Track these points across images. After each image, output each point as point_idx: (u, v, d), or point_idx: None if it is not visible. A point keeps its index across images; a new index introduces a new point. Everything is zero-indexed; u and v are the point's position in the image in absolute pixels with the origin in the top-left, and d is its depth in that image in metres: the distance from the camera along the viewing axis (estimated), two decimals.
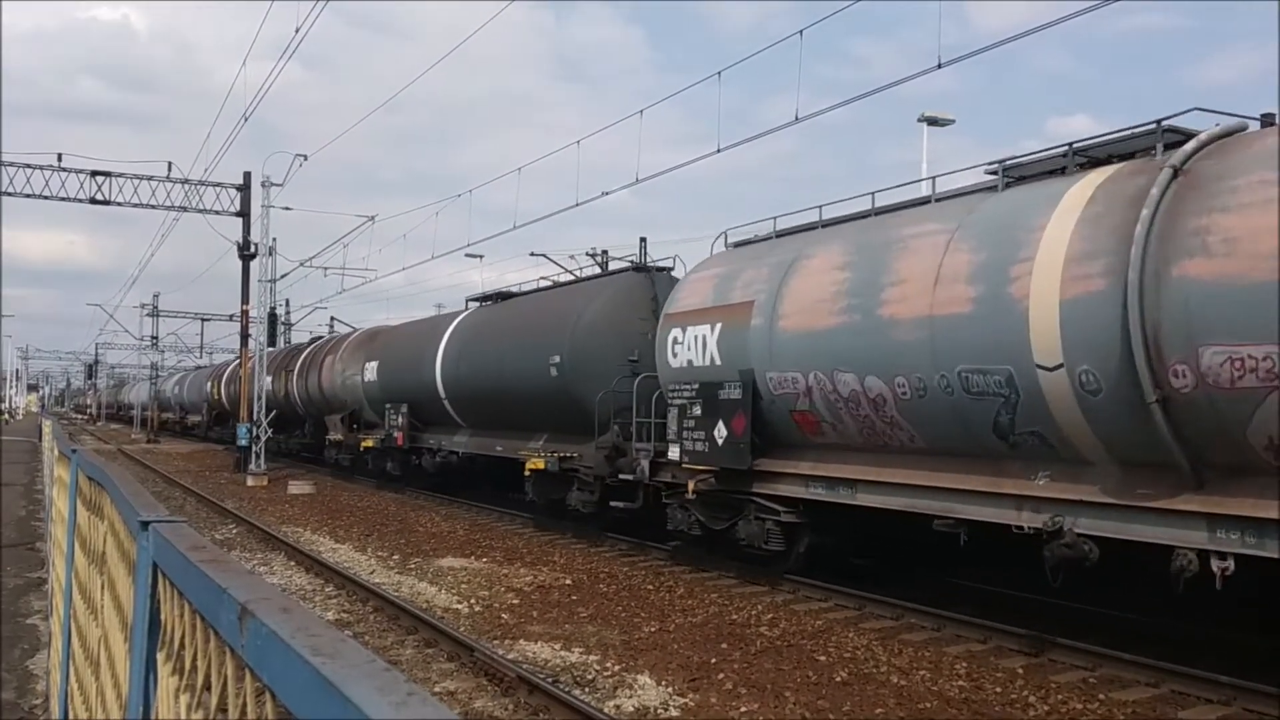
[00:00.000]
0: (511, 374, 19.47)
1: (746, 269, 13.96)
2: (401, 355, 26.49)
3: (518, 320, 20.64)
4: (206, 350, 73.74)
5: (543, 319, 19.38)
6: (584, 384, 17.17)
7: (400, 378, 26.11)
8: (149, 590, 2.47)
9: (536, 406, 18.92)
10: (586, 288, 19.37)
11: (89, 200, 31.65)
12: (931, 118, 26.85)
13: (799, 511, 12.86)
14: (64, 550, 5.76)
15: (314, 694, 1.12)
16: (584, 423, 17.24)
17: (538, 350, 18.46)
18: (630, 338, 17.40)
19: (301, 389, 34.70)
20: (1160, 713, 8.03)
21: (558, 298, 20.14)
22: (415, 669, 9.36)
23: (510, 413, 20.26)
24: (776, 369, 12.65)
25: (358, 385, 29.46)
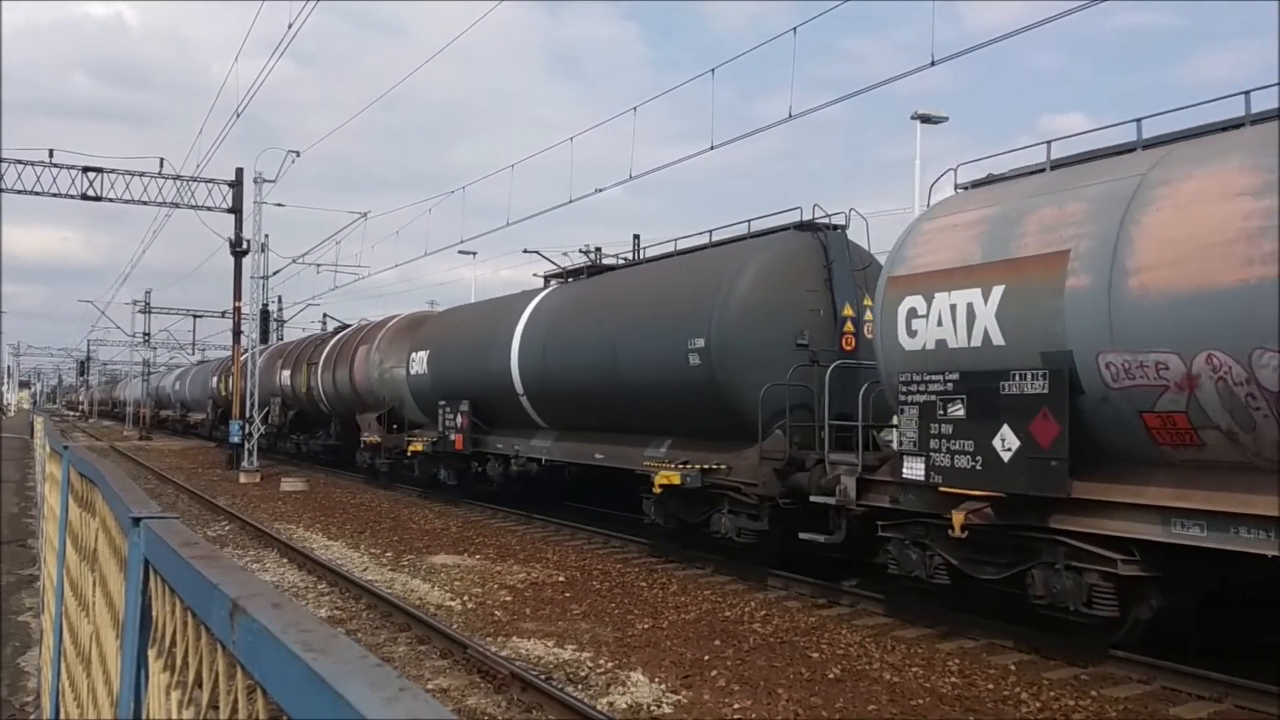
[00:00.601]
0: (628, 364, 15.66)
1: (1040, 206, 9.86)
2: (462, 344, 22.19)
3: (636, 297, 16.41)
4: (199, 347, 73.53)
5: (675, 295, 15.13)
6: (738, 375, 13.48)
7: (460, 370, 21.91)
8: (140, 586, 2.46)
9: (664, 404, 14.98)
10: (733, 254, 14.82)
11: (81, 196, 31.56)
12: (925, 115, 26.87)
13: (1143, 561, 8.83)
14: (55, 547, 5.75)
15: (305, 690, 1.12)
16: (732, 424, 13.69)
17: (670, 334, 14.54)
18: (797, 315, 13.75)
19: (328, 384, 30.95)
20: (1152, 709, 8.05)
21: (692, 268, 15.65)
22: (408, 666, 9.35)
23: (620, 412, 16.34)
24: (1124, 350, 8.62)
25: (399, 379, 26.23)
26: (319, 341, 34.18)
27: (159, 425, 69.23)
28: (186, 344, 73.26)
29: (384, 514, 21.48)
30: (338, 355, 30.54)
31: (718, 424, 14.01)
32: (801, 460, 12.63)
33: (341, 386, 29.91)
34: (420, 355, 24.29)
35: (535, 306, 19.57)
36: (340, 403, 30.48)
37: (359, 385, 28.35)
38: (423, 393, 24.29)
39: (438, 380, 23.21)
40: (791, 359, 13.26)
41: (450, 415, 21.94)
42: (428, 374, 23.76)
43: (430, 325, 25.67)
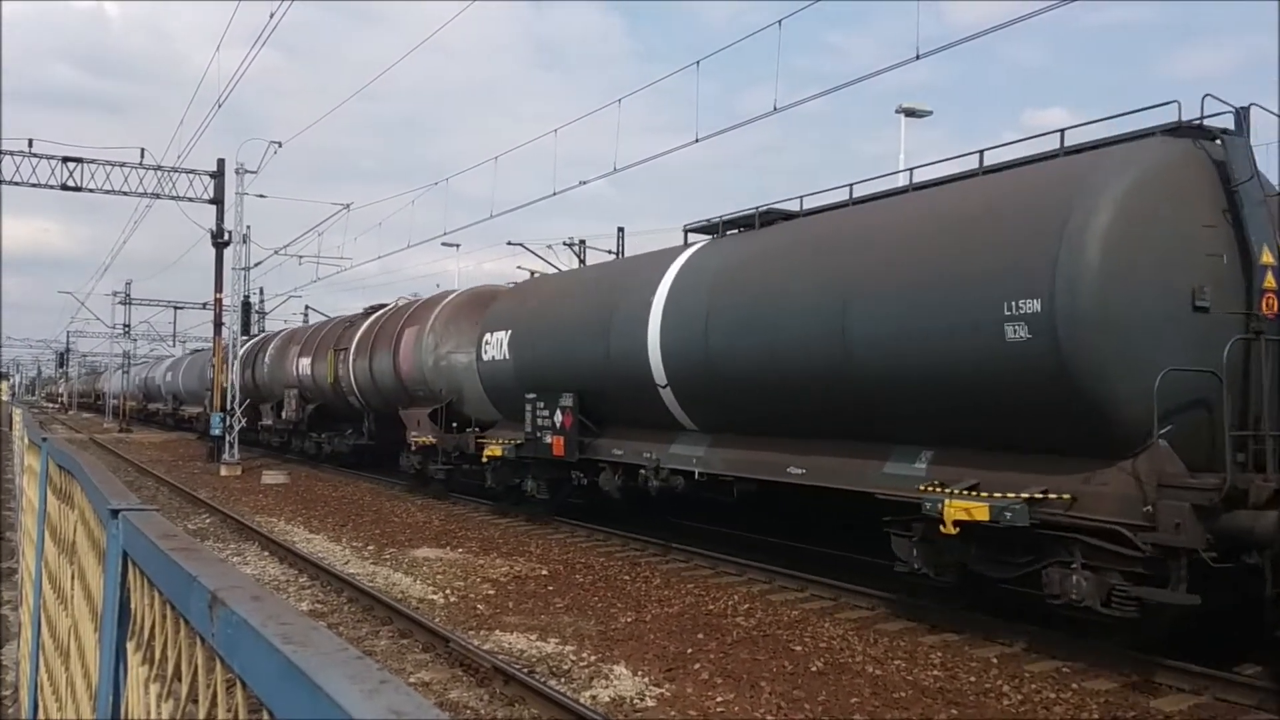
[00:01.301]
0: (870, 342, 10.79)
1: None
2: (562, 321, 17.44)
3: (886, 245, 11.08)
4: (180, 339, 73.09)
5: (975, 236, 10.07)
6: (1109, 354, 8.82)
7: (560, 354, 17.16)
8: (119, 579, 2.44)
9: (936, 398, 10.25)
10: (1078, 171, 9.65)
11: (61, 187, 31.32)
12: (909, 109, 26.93)
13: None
14: (34, 539, 5.70)
15: (285, 683, 1.10)
16: (1074, 429, 9.12)
17: (969, 295, 9.77)
18: (1191, 262, 9.06)
19: (362, 374, 26.49)
20: (1132, 701, 8.10)
21: (999, 195, 10.32)
22: (390, 660, 9.33)
23: (843, 411, 11.51)
24: None
25: (459, 367, 22.13)
26: (348, 324, 29.53)
27: (148, 419, 65.64)
28: (167, 336, 72.85)
29: (366, 507, 21.42)
30: (376, 339, 25.82)
31: (1040, 427, 9.39)
32: (1248, 488, 8.15)
33: (382, 376, 25.26)
34: (497, 337, 19.42)
35: (682, 269, 14.63)
36: (378, 396, 25.99)
37: (406, 375, 23.58)
38: (499, 383, 19.50)
39: (524, 367, 18.30)
40: (1185, 328, 8.87)
41: (544, 412, 17.36)
42: (508, 360, 18.81)
43: (510, 299, 20.65)
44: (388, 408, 25.47)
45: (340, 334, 29.25)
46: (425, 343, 22.73)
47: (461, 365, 22.02)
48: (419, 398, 23.18)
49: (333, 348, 29.10)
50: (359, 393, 27.31)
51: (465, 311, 22.82)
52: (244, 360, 37.71)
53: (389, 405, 25.33)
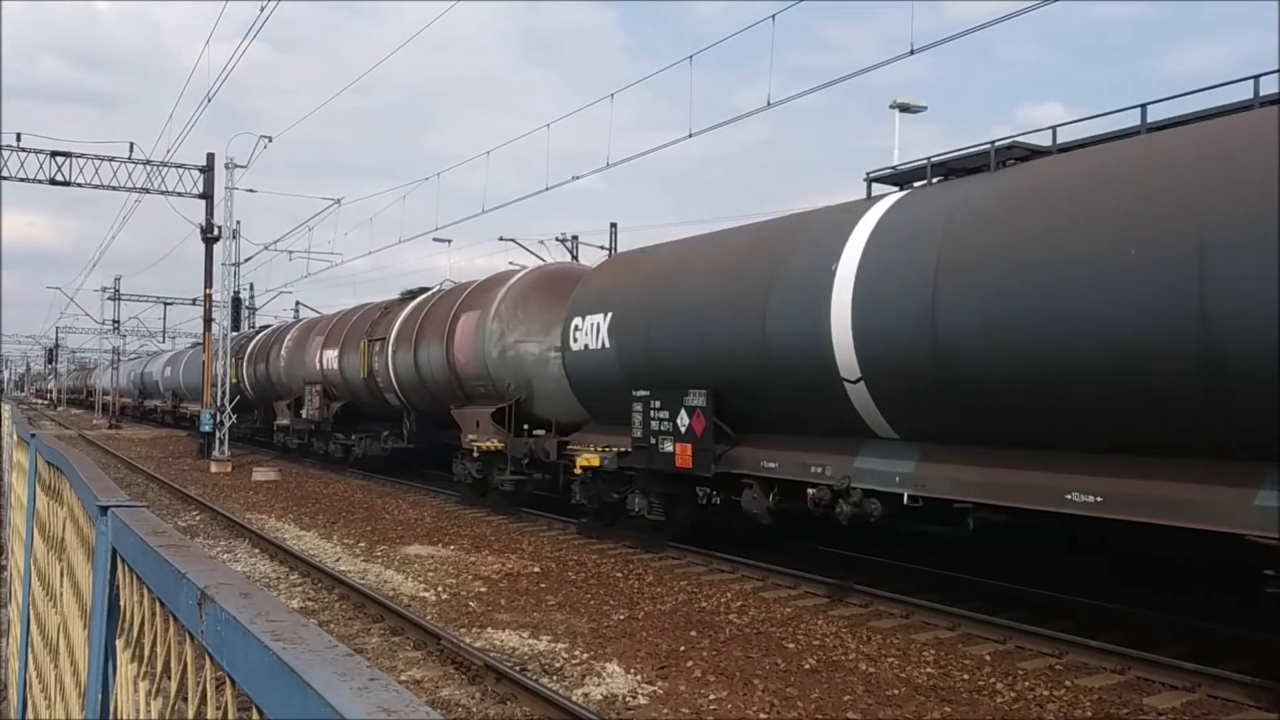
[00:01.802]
0: (1238, 311, 7.54)
1: None
2: (691, 301, 13.67)
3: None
4: (170, 335, 72.96)
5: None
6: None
7: (687, 343, 13.56)
8: (108, 576, 2.42)
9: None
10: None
11: (49, 181, 31.22)
12: (904, 104, 26.93)
13: None
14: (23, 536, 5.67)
15: (274, 680, 1.09)
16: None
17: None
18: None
19: (405, 367, 23.02)
20: (1125, 699, 8.11)
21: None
22: (381, 657, 9.30)
23: (1187, 413, 8.09)
24: None
25: (529, 359, 18.68)
26: (383, 311, 25.85)
27: (144, 417, 62.51)
28: (157, 331, 72.73)
29: (357, 504, 21.38)
30: (422, 328, 22.27)
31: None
32: None
33: (431, 371, 21.61)
34: (590, 322, 15.98)
35: (881, 224, 11.05)
36: (423, 393, 22.49)
37: (463, 368, 19.94)
38: (593, 378, 16.05)
39: (632, 358, 14.87)
40: None
41: (661, 413, 13.99)
42: (608, 349, 15.36)
43: (607, 276, 16.82)
44: (435, 407, 21.98)
45: (375, 322, 25.65)
46: (488, 330, 18.99)
47: (531, 357, 18.70)
48: (479, 395, 19.64)
49: (366, 338, 25.52)
50: (399, 389, 23.73)
51: (536, 293, 19.16)
52: (255, 353, 35.32)
53: (437, 404, 21.78)
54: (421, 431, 24.11)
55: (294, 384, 31.12)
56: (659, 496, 14.68)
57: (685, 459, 13.48)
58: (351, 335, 26.90)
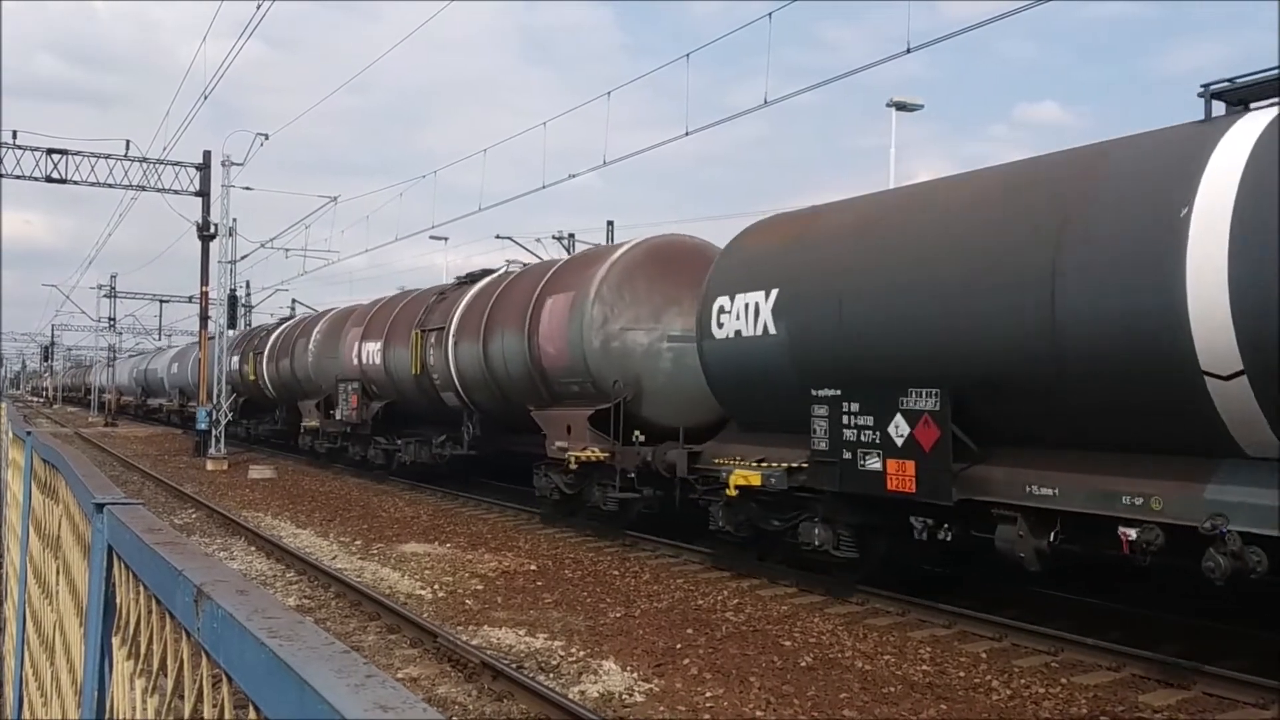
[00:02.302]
0: None
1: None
2: (913, 271, 10.50)
3: None
4: (165, 332, 72.88)
5: None
6: None
7: (909, 327, 10.45)
8: (104, 573, 2.42)
9: None
10: None
11: (45, 179, 31.19)
12: (900, 103, 26.97)
13: None
14: (19, 534, 5.67)
15: (271, 676, 1.09)
16: None
17: None
18: None
19: (470, 362, 19.60)
20: (1121, 696, 8.12)
21: None
22: (377, 655, 9.30)
23: None
24: None
25: (642, 352, 15.73)
26: (438, 296, 22.62)
27: (148, 417, 59.04)
28: (153, 329, 72.63)
29: (354, 502, 21.36)
30: (492, 315, 18.90)
31: None
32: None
33: (505, 365, 18.20)
34: (743, 302, 12.55)
35: (1262, 148, 7.83)
36: (493, 391, 19.08)
37: (550, 361, 16.75)
38: (745, 372, 12.68)
39: (810, 347, 11.63)
40: None
41: (861, 419, 10.76)
42: (776, 336, 12.03)
43: (766, 240, 13.31)
44: (506, 408, 18.93)
45: (429, 310, 22.26)
46: (588, 316, 15.79)
47: (640, 348, 15.77)
48: (570, 394, 16.46)
49: (418, 328, 22.02)
50: (462, 387, 20.28)
51: (645, 270, 16.13)
52: (277, 348, 32.17)
53: (509, 405, 18.65)
54: (486, 437, 20.84)
55: (324, 381, 27.83)
56: (849, 528, 11.26)
57: (904, 480, 10.23)
58: (398, 326, 23.47)
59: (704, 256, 15.58)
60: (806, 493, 11.66)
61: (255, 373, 34.19)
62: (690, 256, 16.09)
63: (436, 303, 22.17)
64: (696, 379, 14.16)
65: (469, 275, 22.34)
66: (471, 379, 19.79)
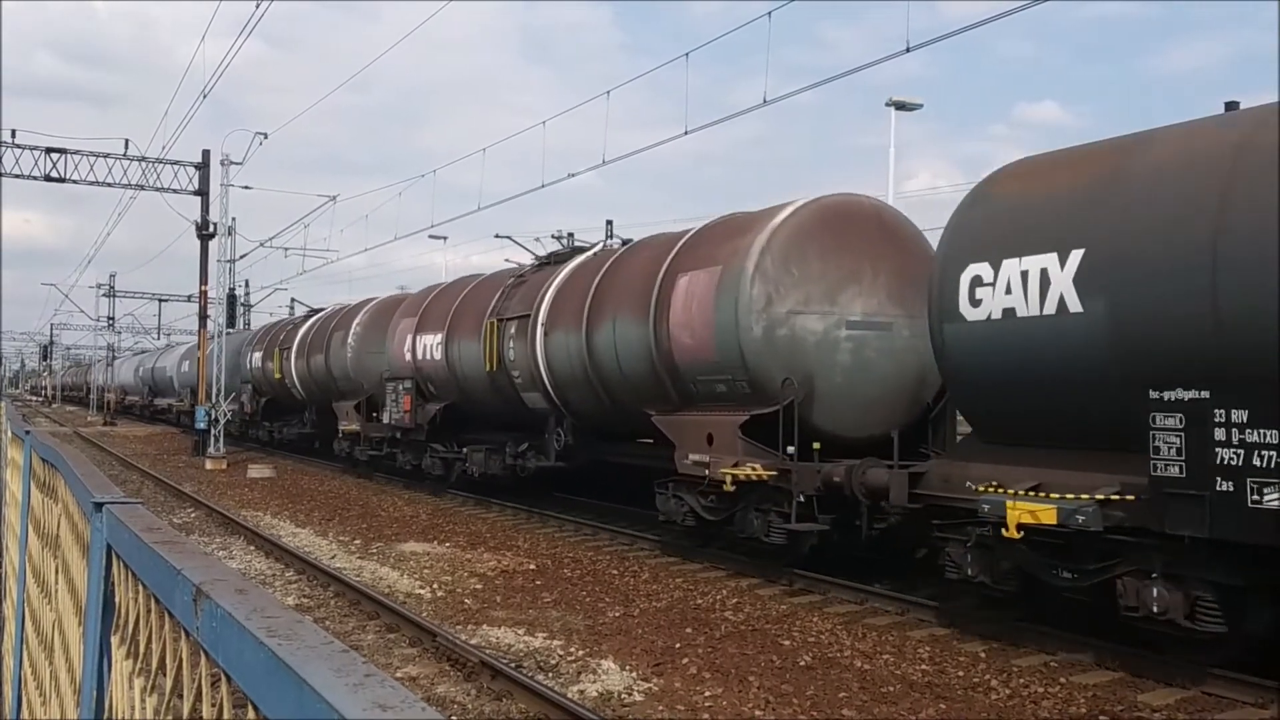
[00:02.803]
0: None
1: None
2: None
3: None
4: (165, 331, 72.87)
5: None
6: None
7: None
8: (103, 572, 2.42)
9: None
10: None
11: (44, 178, 31.18)
12: (899, 102, 26.98)
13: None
14: (17, 533, 5.66)
15: (270, 676, 1.09)
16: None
17: None
18: None
19: (566, 356, 16.37)
20: (1120, 695, 8.12)
21: None
22: (376, 654, 9.30)
23: None
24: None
25: (819, 340, 12.64)
26: (517, 280, 19.10)
27: (154, 417, 55.82)
28: (152, 329, 72.62)
29: (353, 501, 21.36)
30: (598, 299, 15.62)
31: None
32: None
33: (617, 359, 14.99)
34: (1017, 270, 9.38)
35: None
36: (594, 391, 15.92)
37: (688, 354, 13.46)
38: (1025, 362, 9.36)
39: (1147, 333, 8.44)
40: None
41: (1254, 433, 7.45)
42: (1087, 314, 8.82)
43: (1047, 186, 9.74)
44: (615, 410, 15.90)
45: (504, 295, 18.92)
46: (745, 296, 12.41)
47: (814, 336, 12.49)
48: (711, 395, 13.32)
49: (494, 317, 18.63)
50: (552, 386, 16.98)
51: (817, 239, 12.77)
52: (308, 342, 29.16)
53: (616, 408, 15.74)
54: (579, 445, 17.40)
55: (366, 380, 24.89)
56: (1215, 589, 8.04)
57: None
58: (464, 315, 20.18)
59: (886, 221, 13.33)
60: (1131, 536, 8.45)
61: (281, 370, 30.98)
62: (870, 221, 13.18)
63: (515, 287, 18.86)
64: (878, 376, 12.45)
65: (552, 254, 19.33)
66: (566, 376, 16.62)
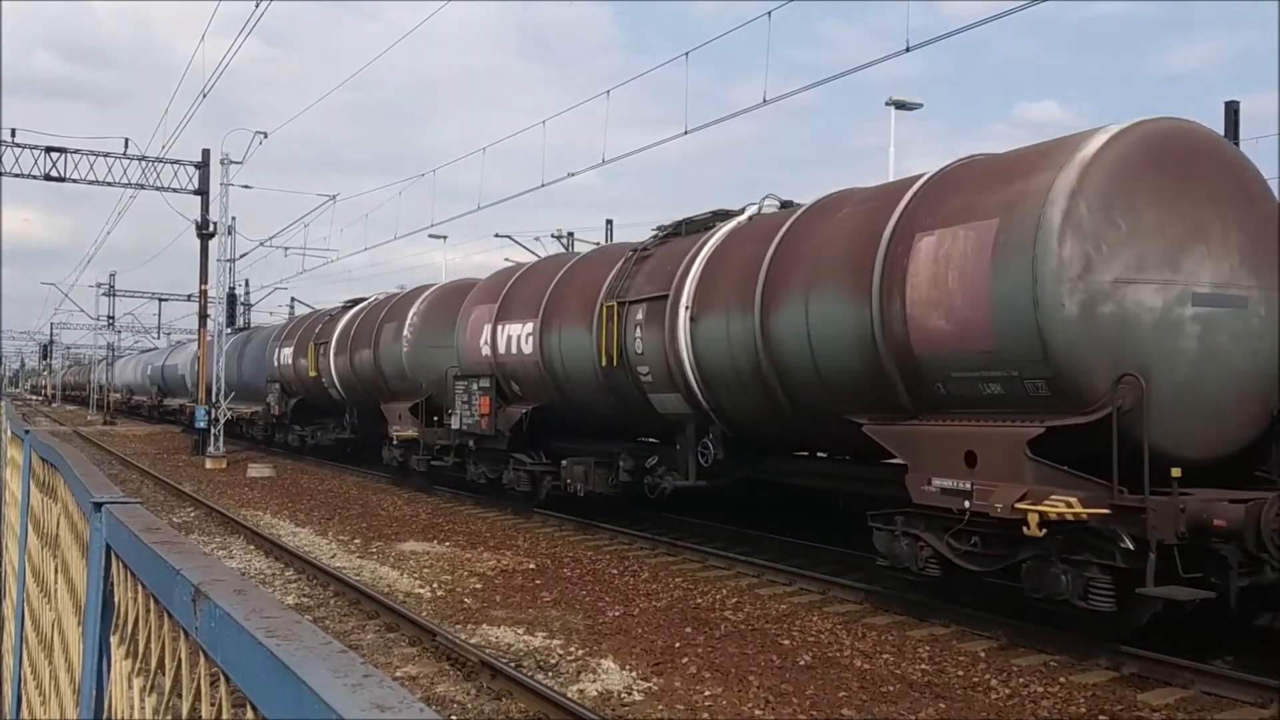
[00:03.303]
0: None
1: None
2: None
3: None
4: (165, 331, 72.85)
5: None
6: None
7: None
8: (102, 572, 2.42)
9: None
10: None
11: (44, 177, 31.17)
12: (899, 101, 26.96)
13: None
14: (17, 532, 5.66)
15: (268, 676, 1.09)
16: None
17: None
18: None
19: (730, 346, 12.70)
20: (1119, 695, 8.12)
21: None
22: (376, 654, 9.30)
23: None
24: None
25: (1157, 321, 8.94)
26: (638, 252, 15.62)
27: (163, 418, 53.29)
28: (152, 328, 72.60)
29: (353, 500, 21.35)
30: (777, 273, 12.08)
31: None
32: None
33: (808, 346, 11.39)
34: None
35: None
36: (756, 388, 12.45)
37: (936, 341, 9.82)
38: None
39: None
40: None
41: None
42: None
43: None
44: (792, 416, 12.20)
45: (622, 273, 15.36)
46: (1050, 259, 8.85)
47: (1151, 316, 9.00)
48: (979, 397, 9.62)
49: (613, 300, 14.98)
50: (701, 383, 13.24)
51: (1146, 179, 9.21)
52: (351, 336, 25.67)
53: (799, 411, 12.02)
54: (732, 460, 13.53)
55: (426, 378, 21.82)
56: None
57: None
58: (565, 299, 16.65)
59: (1231, 158, 9.87)
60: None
61: (318, 368, 27.39)
62: (1211, 156, 9.57)
63: (638, 262, 15.27)
64: (1231, 372, 9.15)
65: (685, 222, 15.29)
66: (721, 373, 12.90)
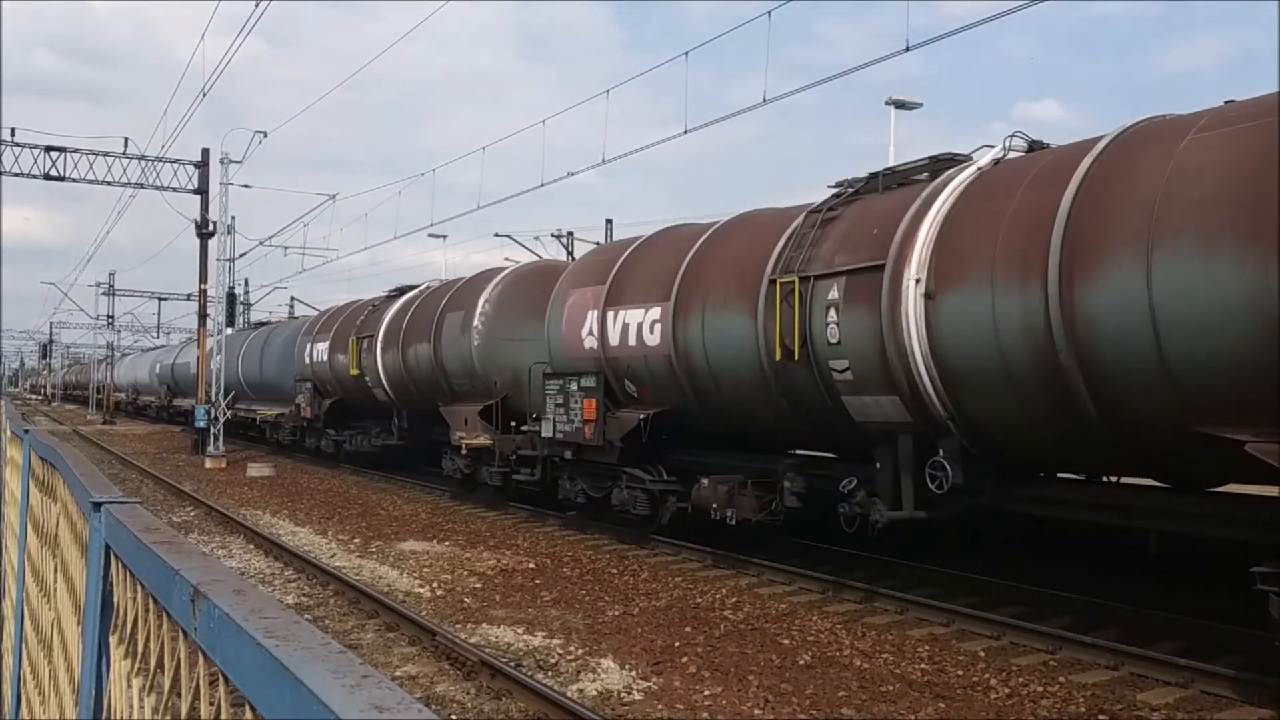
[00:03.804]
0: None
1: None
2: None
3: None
4: (164, 330, 72.84)
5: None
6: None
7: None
8: (101, 572, 2.42)
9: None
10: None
11: (44, 176, 31.16)
12: (899, 101, 26.95)
13: None
14: (16, 532, 5.66)
15: (267, 677, 1.09)
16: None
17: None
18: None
19: (997, 334, 9.08)
20: (1119, 695, 8.12)
21: None
22: (376, 653, 9.30)
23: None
24: None
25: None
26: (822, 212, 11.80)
27: (172, 419, 50.89)
28: (151, 327, 72.61)
29: (352, 500, 21.35)
30: (1088, 227, 8.35)
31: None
32: None
33: (1152, 332, 7.81)
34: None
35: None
36: (1043, 398, 9.01)
37: None
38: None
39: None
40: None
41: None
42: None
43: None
44: (1108, 430, 8.69)
45: (794, 241, 11.78)
46: None
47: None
48: None
49: (789, 274, 11.41)
50: (932, 384, 10.00)
51: None
52: (402, 331, 22.53)
53: (1120, 419, 8.56)
54: (970, 485, 10.03)
55: (500, 375, 19.01)
56: None
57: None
58: (706, 276, 13.32)
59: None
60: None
61: (360, 365, 24.48)
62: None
63: (823, 225, 11.63)
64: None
65: (883, 173, 11.85)
66: (975, 367, 9.52)
